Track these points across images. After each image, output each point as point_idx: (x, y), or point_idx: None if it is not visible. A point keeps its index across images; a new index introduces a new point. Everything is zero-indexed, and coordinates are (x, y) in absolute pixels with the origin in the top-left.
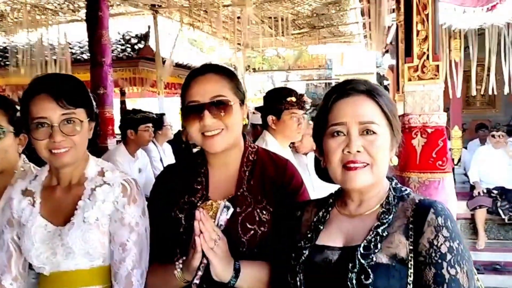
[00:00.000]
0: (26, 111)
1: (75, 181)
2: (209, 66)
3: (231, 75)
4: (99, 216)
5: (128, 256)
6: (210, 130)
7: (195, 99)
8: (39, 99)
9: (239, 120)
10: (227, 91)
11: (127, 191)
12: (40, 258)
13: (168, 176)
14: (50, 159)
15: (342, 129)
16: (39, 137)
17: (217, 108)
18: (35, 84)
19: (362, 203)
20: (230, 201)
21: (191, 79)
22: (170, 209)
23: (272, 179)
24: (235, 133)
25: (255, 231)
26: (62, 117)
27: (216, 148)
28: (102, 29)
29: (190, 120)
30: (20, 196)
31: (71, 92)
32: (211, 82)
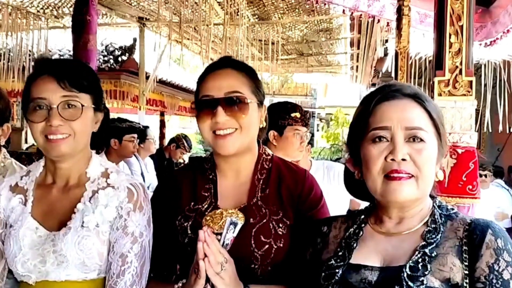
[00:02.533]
0: (27, 93)
1: (74, 180)
2: (228, 61)
3: (251, 73)
4: (99, 222)
5: (127, 270)
6: (222, 129)
7: (210, 93)
8: (41, 79)
9: (256, 122)
10: (245, 89)
11: (133, 196)
12: (27, 265)
13: (172, 181)
14: (45, 146)
15: (385, 134)
16: (35, 119)
17: (232, 105)
18: (39, 66)
19: (402, 220)
20: (242, 210)
21: (207, 72)
22: (174, 217)
23: (290, 190)
24: (250, 135)
25: (270, 245)
26: (62, 99)
27: (228, 150)
28: (89, 33)
29: (202, 116)
30: (9, 193)
31: (76, 74)
32: (228, 77)
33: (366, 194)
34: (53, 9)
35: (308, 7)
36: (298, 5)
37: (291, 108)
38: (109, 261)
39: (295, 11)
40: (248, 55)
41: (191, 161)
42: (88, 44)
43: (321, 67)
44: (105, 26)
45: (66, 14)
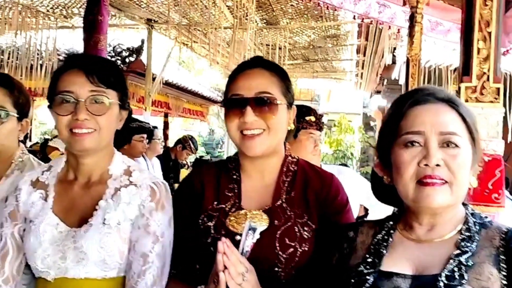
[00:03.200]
0: (54, 87)
1: (96, 177)
2: (260, 60)
3: (282, 74)
4: (121, 220)
5: (148, 270)
6: (250, 129)
7: (239, 92)
8: (69, 73)
9: (284, 124)
10: (275, 90)
11: (156, 195)
12: (46, 261)
13: (195, 179)
14: (69, 140)
15: (418, 138)
16: (61, 111)
17: (262, 106)
18: (68, 60)
19: (433, 228)
20: (266, 212)
21: (238, 71)
22: (197, 216)
23: (316, 193)
24: (278, 137)
25: (295, 249)
26: (90, 94)
27: (255, 151)
28: (100, 33)
29: (230, 115)
30: (30, 188)
31: (104, 70)
32: (259, 77)
33: (393, 199)
34: (63, 9)
35: (316, 13)
36: (306, 10)
37: (305, 112)
38: (130, 260)
39: (303, 16)
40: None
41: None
42: (99, 44)
43: (325, 73)
44: (113, 27)
45: (75, 14)
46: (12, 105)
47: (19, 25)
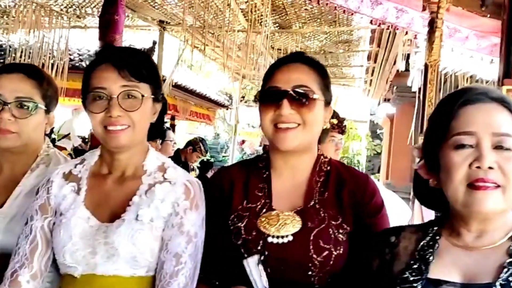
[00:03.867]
0: (87, 83)
1: (130, 172)
2: (300, 55)
3: (322, 71)
4: (154, 216)
5: (181, 271)
6: (285, 122)
7: (277, 84)
8: (100, 69)
9: (320, 121)
10: (313, 85)
11: (190, 193)
12: (76, 255)
13: (224, 179)
14: (104, 137)
15: (470, 140)
16: (94, 109)
17: (299, 99)
18: (100, 54)
19: (482, 234)
20: (298, 213)
21: (278, 65)
22: (226, 217)
23: (351, 195)
24: (312, 133)
25: (330, 252)
26: (122, 89)
27: (287, 144)
28: (116, 33)
29: (265, 107)
30: (62, 180)
31: (136, 63)
32: (298, 71)
33: (437, 203)
34: (76, 9)
35: (330, 17)
36: (320, 15)
37: None
38: (162, 260)
39: (316, 21)
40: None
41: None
42: (114, 44)
43: (334, 79)
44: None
45: (88, 14)
46: (40, 97)
47: (33, 23)
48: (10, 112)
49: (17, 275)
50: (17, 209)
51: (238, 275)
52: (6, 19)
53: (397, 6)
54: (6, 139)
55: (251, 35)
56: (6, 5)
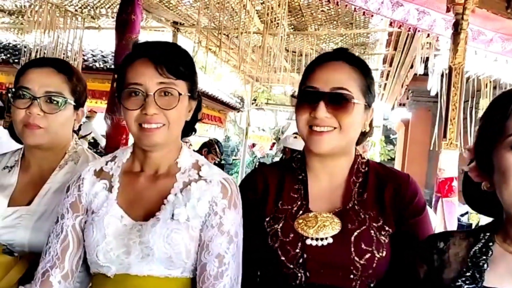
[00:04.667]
0: (122, 78)
1: (163, 170)
2: (343, 53)
3: (365, 71)
4: (190, 216)
5: (226, 273)
6: (319, 125)
7: (315, 85)
8: (137, 63)
9: (358, 125)
10: (354, 87)
11: (228, 192)
12: (109, 255)
13: (258, 179)
14: (138, 136)
15: None
16: (130, 106)
17: (336, 103)
18: (136, 49)
19: None
20: (337, 215)
21: (318, 62)
22: (261, 218)
23: (392, 196)
24: (348, 137)
25: (372, 254)
26: (159, 86)
27: (321, 148)
28: (132, 33)
29: (301, 108)
30: (93, 178)
31: (174, 59)
32: (338, 71)
33: (490, 208)
34: (91, 9)
35: (347, 19)
36: (337, 17)
37: None
38: (203, 262)
39: (332, 23)
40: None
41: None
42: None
43: None
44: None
45: (102, 15)
46: (70, 92)
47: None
48: (39, 106)
49: (48, 275)
50: (46, 207)
51: (272, 279)
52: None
53: (418, 8)
54: (34, 135)
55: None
56: (21, 5)
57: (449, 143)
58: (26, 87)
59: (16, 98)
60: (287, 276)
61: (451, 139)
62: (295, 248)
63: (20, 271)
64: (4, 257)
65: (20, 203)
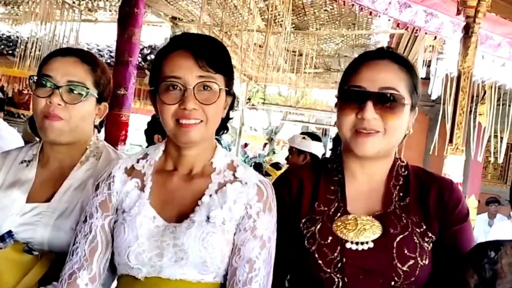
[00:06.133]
0: (158, 69)
1: (197, 170)
2: (388, 52)
3: (412, 70)
4: (226, 219)
5: (255, 278)
6: (366, 127)
7: (361, 84)
8: (176, 55)
9: (404, 127)
10: (402, 87)
11: (263, 195)
12: (141, 257)
13: (293, 179)
14: (175, 132)
15: None
16: (167, 100)
17: (385, 103)
18: (174, 40)
19: None
20: (378, 218)
21: (362, 61)
22: (296, 220)
23: (436, 201)
24: (394, 140)
25: (416, 261)
26: (198, 80)
27: (366, 151)
28: (135, 26)
29: (346, 108)
30: (124, 176)
31: (214, 52)
32: (386, 70)
33: None
34: (88, 1)
35: (349, 19)
36: (340, 16)
37: None
38: (234, 266)
39: (335, 23)
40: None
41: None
42: (133, 38)
43: None
44: None
45: (100, 7)
46: (93, 84)
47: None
48: (60, 96)
49: (75, 277)
50: (67, 204)
51: (305, 286)
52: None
53: (426, 10)
54: (53, 127)
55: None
56: None
57: (455, 148)
58: (48, 75)
59: (38, 87)
60: (322, 281)
61: (457, 144)
62: (333, 252)
63: (41, 271)
64: (24, 256)
65: (39, 199)
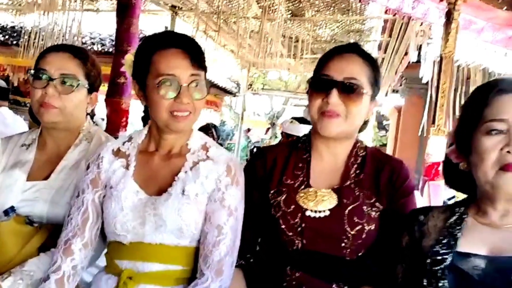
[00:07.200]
0: (147, 64)
1: (175, 150)
2: (356, 47)
3: (374, 65)
4: (199, 192)
5: (222, 241)
6: (330, 111)
7: (329, 73)
8: (170, 53)
9: (363, 114)
10: (364, 79)
11: (232, 171)
12: (126, 225)
13: (268, 156)
14: (168, 122)
15: (502, 126)
16: (164, 96)
17: (347, 92)
18: (163, 37)
19: (508, 213)
20: (335, 192)
21: (332, 53)
22: (266, 190)
23: (387, 178)
24: (355, 124)
25: (362, 226)
26: (191, 78)
27: (329, 132)
28: (133, 17)
29: (315, 94)
30: (111, 156)
31: (200, 52)
32: (351, 63)
33: (465, 186)
34: None
35: (343, 6)
36: (334, 3)
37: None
38: (205, 232)
39: (329, 9)
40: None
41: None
42: (131, 28)
43: None
44: None
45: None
46: (83, 76)
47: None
48: (54, 87)
49: (70, 243)
50: (62, 182)
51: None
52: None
53: None
54: (49, 114)
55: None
56: None
57: (437, 129)
58: (43, 68)
59: (35, 79)
60: (285, 243)
61: (439, 126)
62: (295, 218)
63: (40, 240)
64: (25, 227)
65: (38, 178)
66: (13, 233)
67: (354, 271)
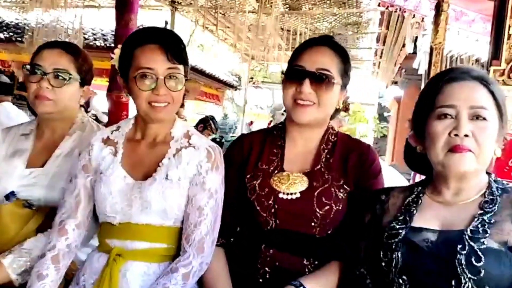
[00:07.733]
0: (129, 58)
1: (160, 138)
2: (328, 40)
3: (345, 57)
4: (181, 176)
5: (203, 221)
6: (303, 100)
7: (302, 64)
8: (149, 48)
9: (334, 102)
10: (334, 69)
11: (212, 157)
12: (115, 207)
13: (245, 142)
14: (148, 112)
15: (451, 111)
16: (143, 87)
17: (319, 81)
18: (143, 33)
19: (460, 192)
20: (306, 175)
21: (306, 46)
22: (243, 174)
23: (354, 161)
24: (326, 112)
25: (331, 207)
26: (167, 71)
27: (302, 119)
28: (131, 12)
29: (289, 83)
30: (101, 144)
31: (178, 46)
32: (323, 55)
33: (424, 168)
34: None
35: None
36: None
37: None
38: (187, 213)
39: (326, 2)
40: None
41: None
42: (130, 23)
43: None
44: None
45: None
46: (75, 70)
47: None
48: (48, 81)
49: (64, 224)
50: (58, 168)
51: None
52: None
53: None
54: (43, 105)
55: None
56: None
57: None
58: (38, 64)
59: (30, 74)
60: (260, 223)
61: None
62: (269, 200)
63: (37, 222)
64: (24, 210)
65: (36, 165)
66: (13, 215)
67: (324, 248)
